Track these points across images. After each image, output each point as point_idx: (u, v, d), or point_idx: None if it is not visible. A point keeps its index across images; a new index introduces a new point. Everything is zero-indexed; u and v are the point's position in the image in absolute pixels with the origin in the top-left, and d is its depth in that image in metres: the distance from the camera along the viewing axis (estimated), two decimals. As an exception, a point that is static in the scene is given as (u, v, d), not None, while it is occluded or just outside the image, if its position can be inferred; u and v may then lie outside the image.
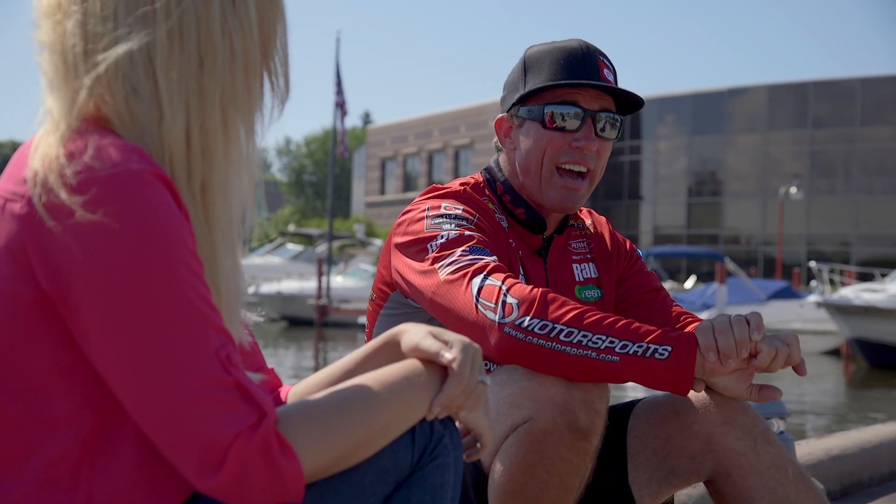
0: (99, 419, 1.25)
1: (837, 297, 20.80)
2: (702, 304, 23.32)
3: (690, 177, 50.33)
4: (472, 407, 1.40)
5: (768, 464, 2.08)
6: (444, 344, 1.39)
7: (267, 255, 33.87)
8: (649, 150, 50.99)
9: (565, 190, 2.24)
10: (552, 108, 2.21)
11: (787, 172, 45.13)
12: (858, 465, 3.89)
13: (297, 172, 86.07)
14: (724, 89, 48.89)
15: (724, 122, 48.55)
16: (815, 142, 46.43)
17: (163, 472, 1.26)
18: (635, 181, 51.75)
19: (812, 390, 16.70)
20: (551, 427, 1.89)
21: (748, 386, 2.01)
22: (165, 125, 1.26)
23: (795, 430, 12.02)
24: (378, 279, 2.25)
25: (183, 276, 1.20)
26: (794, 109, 47.21)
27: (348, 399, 1.31)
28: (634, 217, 51.93)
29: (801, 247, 45.53)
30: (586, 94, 2.22)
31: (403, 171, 57.33)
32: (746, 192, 48.52)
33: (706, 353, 1.92)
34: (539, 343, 1.90)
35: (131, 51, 1.25)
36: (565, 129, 2.22)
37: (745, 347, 1.93)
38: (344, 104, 29.58)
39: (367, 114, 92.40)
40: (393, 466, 1.34)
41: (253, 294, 27.99)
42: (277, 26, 1.37)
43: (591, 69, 2.22)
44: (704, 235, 49.22)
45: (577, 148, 2.22)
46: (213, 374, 1.20)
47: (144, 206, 1.19)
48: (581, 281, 2.33)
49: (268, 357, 19.14)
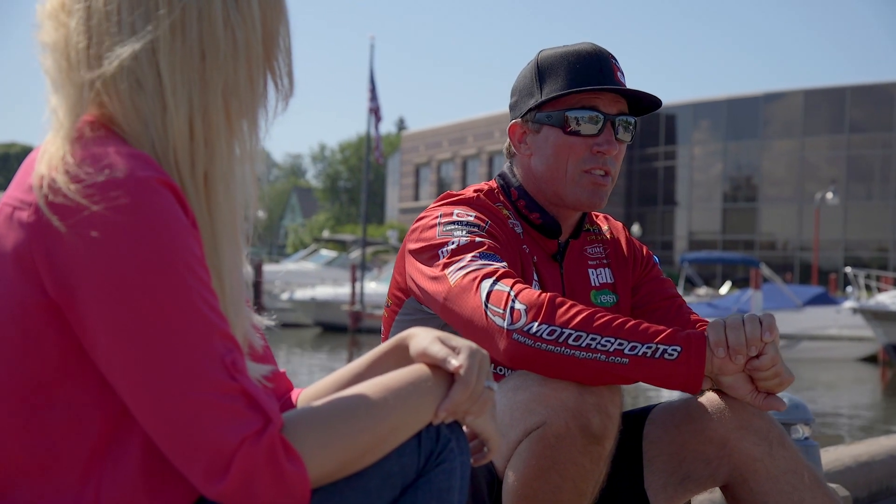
0: (107, 424, 1.27)
1: (873, 303, 20.62)
2: (737, 310, 23.16)
3: (726, 182, 50.01)
4: (479, 412, 1.41)
5: (784, 469, 2.07)
6: (451, 350, 1.39)
7: (301, 261, 33.99)
8: (684, 156, 50.71)
9: (594, 186, 2.25)
10: (573, 113, 2.22)
11: (823, 177, 44.74)
12: (888, 471, 3.86)
13: (331, 179, 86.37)
14: (759, 94, 48.55)
15: (759, 127, 48.21)
16: (851, 146, 46.01)
17: (169, 477, 1.28)
18: (670, 186, 51.49)
19: (848, 397, 16.55)
20: (564, 432, 1.90)
21: (752, 389, 2.00)
22: (169, 117, 1.28)
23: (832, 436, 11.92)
24: (393, 285, 2.26)
25: (189, 284, 1.22)
26: (831, 114, 46.80)
27: (354, 404, 1.32)
28: (669, 222, 51.66)
29: (838, 252, 45.11)
30: (605, 99, 2.23)
31: (437, 177, 57.36)
32: (782, 197, 48.15)
33: (715, 349, 1.92)
34: (548, 349, 1.91)
35: (135, 46, 1.27)
36: (586, 135, 2.22)
37: (756, 346, 1.93)
38: (378, 110, 29.66)
39: (401, 120, 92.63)
40: (399, 471, 1.35)
41: (287, 300, 28.12)
42: (280, 26, 1.38)
43: (607, 73, 2.23)
44: (740, 241, 48.88)
45: (598, 153, 2.23)
46: (218, 380, 1.21)
47: (151, 214, 1.21)
48: (597, 286, 2.33)
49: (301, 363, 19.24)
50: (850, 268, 25.80)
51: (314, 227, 70.55)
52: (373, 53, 29.63)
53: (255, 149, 1.36)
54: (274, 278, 30.26)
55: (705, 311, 23.25)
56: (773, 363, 1.95)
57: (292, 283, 29.96)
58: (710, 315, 22.60)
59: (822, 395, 16.52)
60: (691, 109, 50.17)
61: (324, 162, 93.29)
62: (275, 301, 29.15)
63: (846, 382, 18.90)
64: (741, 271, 38.95)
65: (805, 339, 22.52)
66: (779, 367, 1.96)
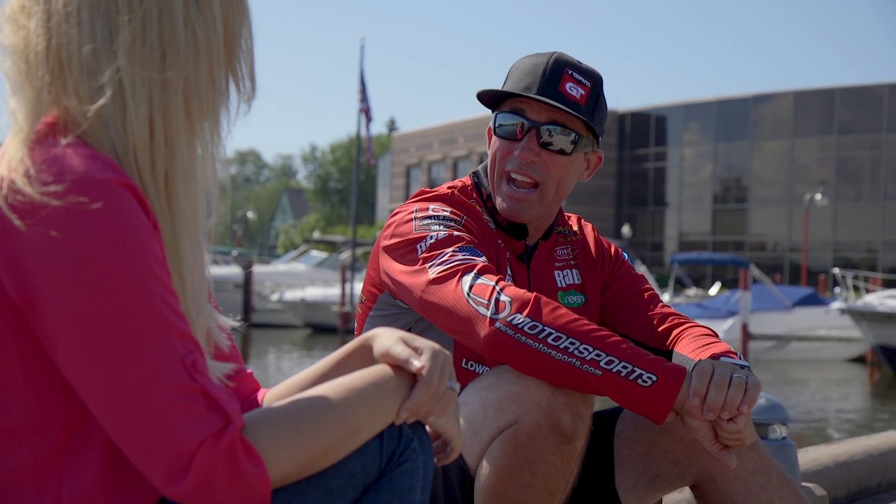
0: (68, 425, 1.27)
1: (861, 304, 20.69)
2: (727, 311, 23.21)
3: (716, 183, 50.11)
4: (441, 412, 1.41)
5: (752, 469, 2.09)
6: (413, 351, 1.40)
7: (291, 262, 33.97)
8: (674, 157, 50.82)
9: (511, 199, 2.26)
10: (500, 116, 2.27)
11: (813, 179, 44.88)
12: (866, 471, 3.87)
13: (322, 180, 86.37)
14: (749, 95, 48.68)
15: (749, 129, 48.34)
16: (841, 148, 46.14)
17: (130, 478, 1.28)
18: (660, 188, 51.59)
19: (837, 397, 16.59)
20: (535, 430, 1.90)
21: (713, 437, 1.94)
22: (129, 116, 1.27)
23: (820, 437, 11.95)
24: (367, 282, 2.27)
25: (149, 285, 1.22)
26: (821, 116, 46.95)
27: (315, 405, 1.32)
28: (659, 223, 51.76)
29: (828, 253, 45.24)
30: (534, 106, 2.23)
31: (428, 177, 57.39)
32: (772, 198, 48.28)
33: (692, 397, 1.89)
34: (527, 342, 1.91)
35: (95, 46, 1.27)
36: (507, 138, 2.25)
37: (730, 411, 1.89)
38: (368, 111, 29.64)
39: (392, 121, 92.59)
40: (361, 470, 1.36)
41: (277, 301, 28.11)
42: (242, 28, 1.38)
43: (549, 82, 2.22)
44: (730, 242, 48.99)
45: (517, 157, 2.24)
46: (178, 381, 1.22)
47: (110, 217, 1.21)
48: (563, 287, 2.34)
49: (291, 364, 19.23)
50: (837, 269, 25.86)
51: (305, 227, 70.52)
52: (363, 54, 29.61)
53: (216, 149, 1.36)
54: (264, 279, 30.25)
55: (695, 311, 23.29)
56: (739, 431, 1.92)
57: (282, 285, 29.95)
58: (700, 316, 22.72)
59: (810, 395, 16.57)
60: (681, 111, 50.27)
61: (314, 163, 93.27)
62: (265, 302, 29.15)
63: (834, 383, 18.96)
64: (731, 272, 39.00)
65: (794, 340, 22.58)
66: (743, 435, 1.92)
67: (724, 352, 2.08)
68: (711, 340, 2.16)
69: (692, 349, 2.13)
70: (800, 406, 14.88)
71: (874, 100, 45.46)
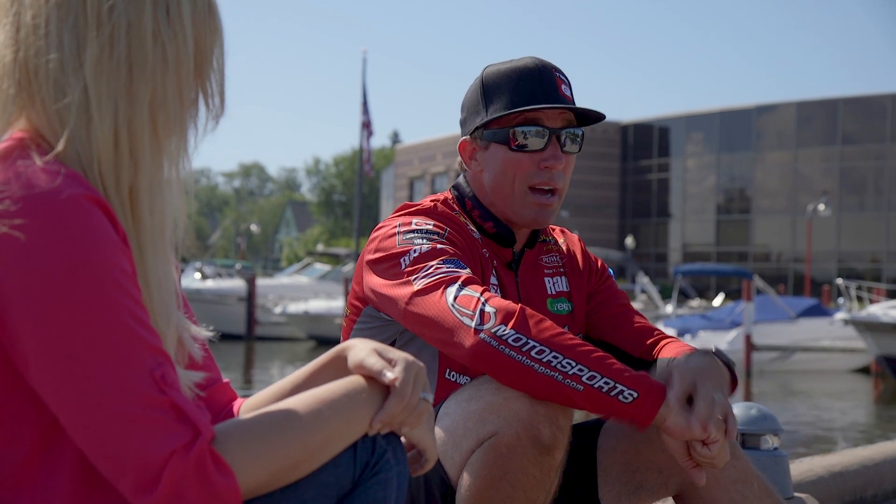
0: (40, 438, 1.27)
1: (865, 315, 20.64)
2: (731, 322, 23.18)
3: (719, 194, 50.13)
4: (415, 423, 1.41)
5: (734, 478, 2.10)
6: (387, 362, 1.40)
7: (294, 275, 33.97)
8: (677, 168, 50.84)
9: (539, 207, 2.27)
10: (518, 129, 2.23)
11: (816, 189, 44.87)
12: (861, 481, 3.86)
13: (326, 192, 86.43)
14: (752, 106, 48.73)
15: (752, 139, 48.38)
16: (844, 158, 46.16)
17: (102, 490, 1.28)
18: (664, 199, 51.59)
19: (841, 408, 16.56)
20: (515, 442, 1.90)
21: (687, 456, 1.96)
22: (93, 127, 1.28)
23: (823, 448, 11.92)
24: (351, 295, 2.28)
25: (117, 300, 1.22)
26: (824, 126, 46.98)
27: (287, 416, 1.32)
28: (663, 234, 51.76)
29: (832, 264, 45.20)
30: (548, 113, 2.24)
31: (431, 189, 57.42)
32: (776, 209, 48.28)
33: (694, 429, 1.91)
34: (510, 354, 1.91)
35: (62, 58, 1.27)
36: (532, 150, 2.24)
37: (702, 438, 1.92)
38: (370, 124, 29.75)
39: (395, 133, 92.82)
40: (334, 482, 1.35)
41: (281, 314, 28.10)
42: (214, 46, 1.38)
43: (550, 88, 2.23)
44: (734, 253, 48.98)
45: (545, 168, 2.24)
46: (146, 394, 1.22)
47: (78, 232, 1.21)
48: (553, 294, 2.35)
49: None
50: (840, 279, 25.82)
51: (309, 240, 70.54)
52: (365, 67, 29.73)
53: (183, 163, 1.37)
54: (267, 292, 30.25)
55: (699, 322, 23.26)
56: (712, 457, 1.93)
57: (286, 297, 29.94)
58: (704, 327, 22.69)
59: (814, 406, 16.53)
60: (684, 122, 50.32)
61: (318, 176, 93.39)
62: (268, 315, 29.14)
63: (838, 394, 18.91)
64: (735, 283, 38.97)
65: (798, 351, 22.53)
66: (716, 460, 1.94)
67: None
68: (694, 350, 2.16)
69: (675, 353, 2.14)
70: (803, 417, 14.84)
71: (878, 110, 45.48)
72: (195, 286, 30.91)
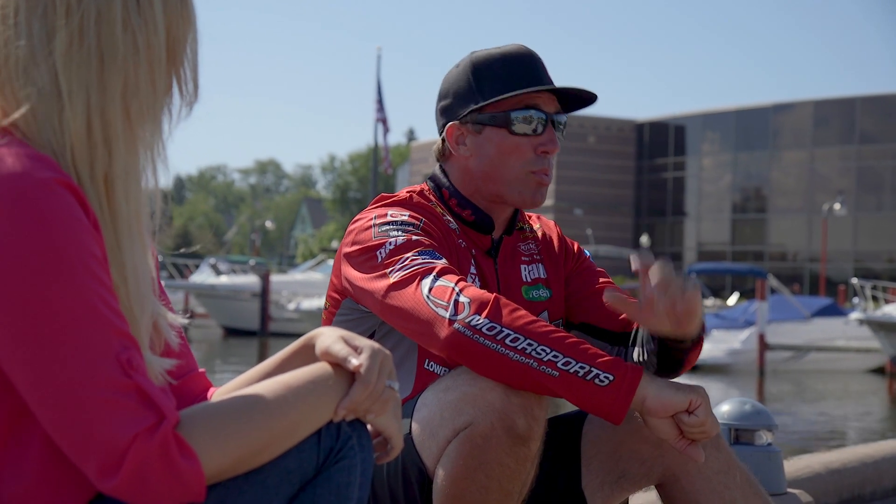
0: (7, 421, 1.28)
1: (880, 315, 20.57)
2: (744, 321, 23.15)
3: (735, 193, 50.01)
4: (380, 411, 1.42)
5: (717, 469, 2.11)
6: (353, 349, 1.40)
7: (308, 272, 34.02)
8: (693, 167, 50.74)
9: (538, 185, 2.27)
10: (517, 113, 2.23)
11: (833, 188, 44.72)
12: (859, 479, 3.85)
13: (341, 189, 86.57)
14: (768, 105, 48.59)
15: (769, 138, 48.24)
16: (861, 157, 45.98)
17: (68, 473, 1.29)
18: (679, 197, 51.50)
19: (856, 409, 16.50)
20: (490, 432, 1.91)
21: (678, 434, 1.98)
22: (65, 117, 1.29)
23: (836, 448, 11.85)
24: (330, 288, 2.28)
25: (85, 283, 1.23)
26: (841, 125, 46.82)
27: (251, 402, 1.33)
28: (678, 233, 51.67)
29: (848, 263, 45.03)
30: (544, 98, 2.25)
31: (447, 187, 57.42)
32: (792, 208, 48.14)
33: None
34: (485, 343, 1.92)
35: (32, 47, 1.28)
36: (530, 134, 2.24)
37: (685, 400, 1.94)
38: (385, 121, 29.80)
39: (411, 131, 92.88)
40: (298, 467, 1.36)
41: (294, 310, 28.17)
42: (187, 34, 1.39)
43: (542, 72, 2.26)
44: (749, 252, 48.85)
45: (542, 152, 2.25)
46: (112, 377, 1.23)
47: (48, 215, 1.22)
48: (529, 281, 2.34)
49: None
50: (855, 279, 25.72)
51: (323, 237, 70.63)
52: (379, 64, 29.76)
53: (158, 150, 1.38)
54: (281, 288, 30.33)
55: (713, 321, 23.21)
56: (702, 423, 1.94)
57: (299, 294, 30.00)
58: (717, 326, 22.63)
59: (828, 406, 16.48)
60: (700, 120, 50.20)
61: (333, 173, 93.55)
62: (282, 311, 29.22)
63: (853, 394, 18.84)
64: (751, 282, 38.84)
65: (812, 351, 22.46)
66: (706, 426, 1.95)
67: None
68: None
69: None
70: (816, 417, 14.80)
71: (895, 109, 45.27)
72: (210, 282, 31.02)
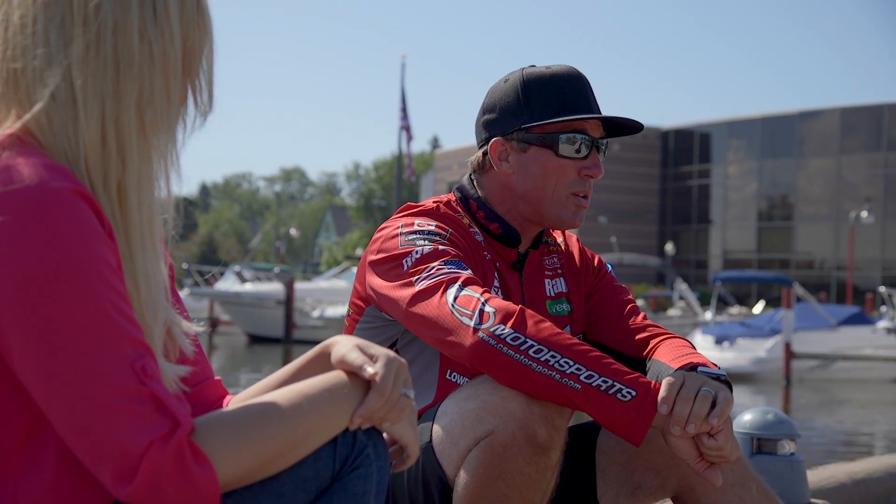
0: (24, 427, 1.29)
1: (907, 323, 20.38)
2: (770, 330, 22.99)
3: (761, 201, 49.75)
4: (396, 419, 1.42)
5: (732, 481, 2.10)
6: (368, 358, 1.40)
7: (332, 279, 34.10)
8: (719, 175, 50.53)
9: (577, 208, 2.30)
10: (565, 136, 2.24)
11: (860, 196, 44.40)
12: (884, 489, 3.81)
13: (365, 197, 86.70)
14: (795, 112, 48.33)
15: (795, 146, 47.97)
16: (889, 165, 45.64)
17: (84, 480, 1.30)
18: (704, 205, 51.29)
19: (883, 418, 16.36)
20: (510, 441, 1.91)
21: (697, 455, 1.93)
22: (80, 125, 1.29)
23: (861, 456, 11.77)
24: (354, 295, 2.29)
25: (100, 291, 1.24)
26: (868, 132, 46.50)
27: (266, 409, 1.33)
28: (704, 241, 51.44)
29: (876, 272, 44.69)
30: (591, 123, 2.27)
31: (471, 195, 57.38)
32: (819, 216, 47.83)
33: (660, 405, 1.89)
34: (509, 353, 1.92)
35: (49, 55, 1.29)
36: (575, 157, 2.26)
37: (696, 424, 1.89)
38: (409, 129, 29.84)
39: (435, 138, 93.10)
40: (314, 475, 1.36)
41: (318, 317, 28.21)
42: (204, 45, 1.39)
43: (591, 97, 2.28)
44: (775, 260, 48.57)
45: (586, 176, 2.27)
46: (126, 385, 1.24)
47: (63, 224, 1.23)
48: (552, 296, 2.35)
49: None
50: (883, 287, 25.52)
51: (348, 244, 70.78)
52: (403, 72, 29.83)
53: (171, 159, 1.38)
54: (306, 296, 30.39)
55: (738, 330, 23.09)
56: (720, 448, 1.91)
57: (324, 301, 30.06)
58: (743, 335, 22.50)
59: (855, 415, 16.35)
60: (725, 128, 50.00)
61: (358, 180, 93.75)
62: (306, 318, 29.28)
63: (880, 403, 18.68)
64: (777, 291, 38.62)
65: (839, 360, 22.28)
66: (725, 452, 1.92)
67: (700, 363, 2.07)
68: (689, 351, 2.15)
69: (670, 358, 2.13)
70: (842, 426, 14.68)
71: (923, 116, 44.94)
72: (234, 289, 31.12)
